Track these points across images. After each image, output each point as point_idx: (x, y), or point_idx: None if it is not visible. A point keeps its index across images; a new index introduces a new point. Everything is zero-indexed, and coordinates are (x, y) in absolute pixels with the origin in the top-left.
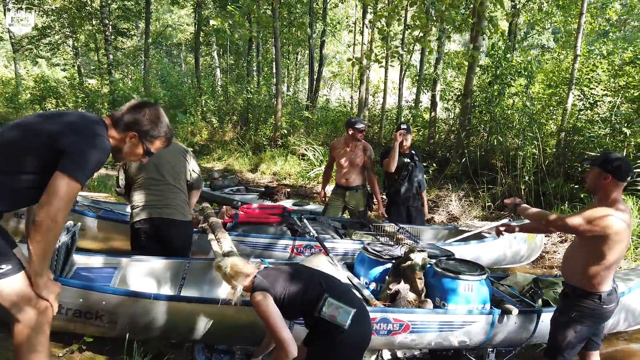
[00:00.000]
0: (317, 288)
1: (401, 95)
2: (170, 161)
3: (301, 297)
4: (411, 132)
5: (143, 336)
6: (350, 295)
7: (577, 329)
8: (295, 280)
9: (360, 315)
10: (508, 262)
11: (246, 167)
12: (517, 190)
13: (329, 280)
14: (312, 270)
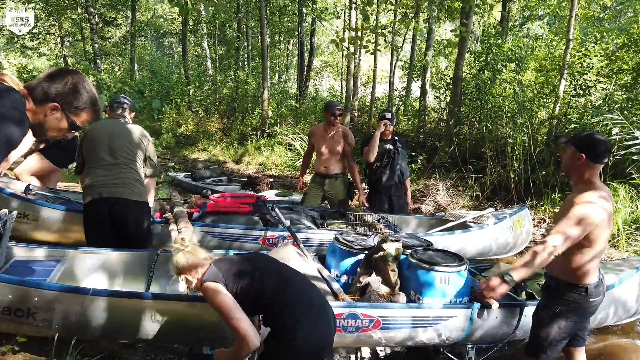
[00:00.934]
0: (272, 280)
1: (392, 83)
2: (126, 142)
3: (255, 290)
4: (395, 119)
5: (85, 336)
6: (308, 293)
7: (561, 325)
8: (250, 270)
9: (318, 316)
10: (495, 252)
11: (231, 158)
12: (507, 178)
13: (284, 274)
14: (270, 261)
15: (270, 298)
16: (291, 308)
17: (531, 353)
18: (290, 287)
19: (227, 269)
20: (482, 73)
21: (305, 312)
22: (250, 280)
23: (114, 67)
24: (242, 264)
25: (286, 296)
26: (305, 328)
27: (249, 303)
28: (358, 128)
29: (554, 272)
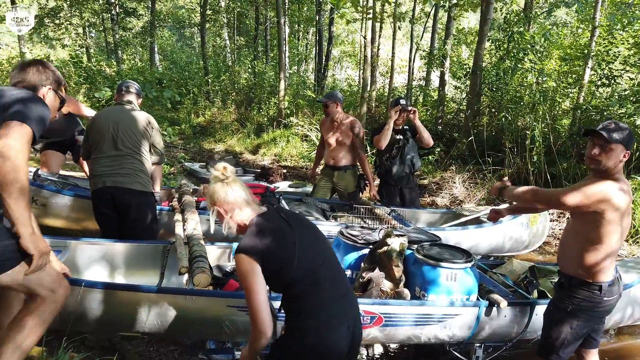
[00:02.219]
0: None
1: (411, 73)
2: (131, 131)
3: (285, 277)
4: (408, 109)
5: (80, 328)
6: (339, 300)
7: (573, 325)
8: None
9: (333, 317)
10: (509, 249)
11: (247, 149)
12: (526, 171)
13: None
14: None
15: (296, 297)
16: (312, 315)
17: (543, 354)
18: (320, 291)
19: (271, 247)
20: (503, 62)
21: (327, 324)
22: (286, 272)
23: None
24: (287, 248)
25: (311, 301)
26: (320, 340)
27: (275, 287)
28: (375, 118)
29: (566, 269)
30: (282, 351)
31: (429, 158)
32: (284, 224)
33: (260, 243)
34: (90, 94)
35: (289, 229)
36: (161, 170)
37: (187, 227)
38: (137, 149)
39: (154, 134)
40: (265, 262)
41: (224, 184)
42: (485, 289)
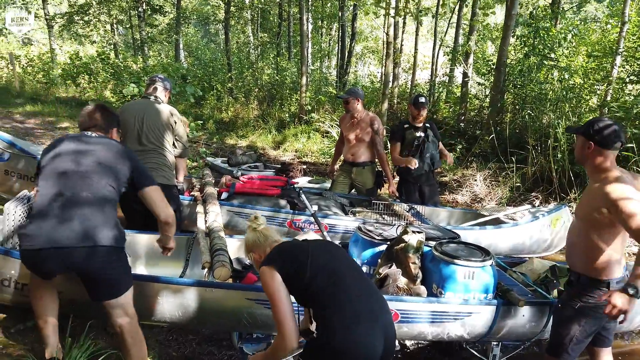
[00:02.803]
0: (324, 279)
1: (435, 69)
2: (155, 126)
3: (305, 285)
4: (428, 104)
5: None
6: (364, 301)
7: (582, 323)
8: (305, 262)
9: (369, 329)
10: (529, 251)
11: (269, 144)
12: (549, 170)
13: (341, 275)
14: (331, 256)
15: (317, 296)
16: (336, 312)
17: (552, 352)
18: (342, 291)
19: (286, 254)
20: (528, 58)
21: (353, 321)
22: (302, 272)
23: (160, 54)
24: (302, 252)
25: (334, 299)
26: (347, 337)
27: (297, 294)
28: (397, 115)
29: (574, 267)
30: (315, 349)
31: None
32: (300, 242)
33: (277, 254)
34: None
35: (305, 243)
36: (184, 162)
37: (208, 219)
38: (160, 143)
39: (177, 127)
40: (282, 267)
41: (256, 232)
42: (503, 287)
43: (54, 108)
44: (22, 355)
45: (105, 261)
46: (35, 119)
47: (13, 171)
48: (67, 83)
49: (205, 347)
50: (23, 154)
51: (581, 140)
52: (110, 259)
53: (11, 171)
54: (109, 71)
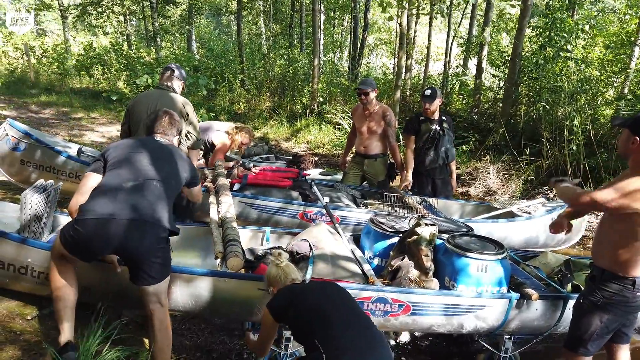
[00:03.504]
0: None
1: (448, 61)
2: None
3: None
4: (439, 97)
5: (122, 304)
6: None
7: (603, 319)
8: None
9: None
10: (542, 244)
11: (281, 136)
12: (564, 162)
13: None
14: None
15: (304, 335)
16: (325, 346)
17: (570, 347)
18: (327, 329)
19: (279, 299)
20: (544, 50)
21: (342, 353)
22: (287, 315)
23: (173, 45)
24: (290, 296)
25: (317, 338)
26: None
27: (294, 329)
28: (409, 107)
29: (599, 262)
30: None
31: (463, 148)
32: (299, 285)
33: (275, 298)
34: (130, 81)
35: (300, 285)
36: (197, 153)
37: (220, 210)
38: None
39: (191, 118)
40: (276, 311)
41: (278, 267)
42: (517, 281)
43: (68, 99)
44: (39, 342)
45: (158, 242)
46: (50, 110)
47: (29, 161)
48: (81, 74)
49: (218, 336)
50: (39, 144)
51: (626, 134)
52: (162, 242)
53: (27, 161)
54: (122, 62)
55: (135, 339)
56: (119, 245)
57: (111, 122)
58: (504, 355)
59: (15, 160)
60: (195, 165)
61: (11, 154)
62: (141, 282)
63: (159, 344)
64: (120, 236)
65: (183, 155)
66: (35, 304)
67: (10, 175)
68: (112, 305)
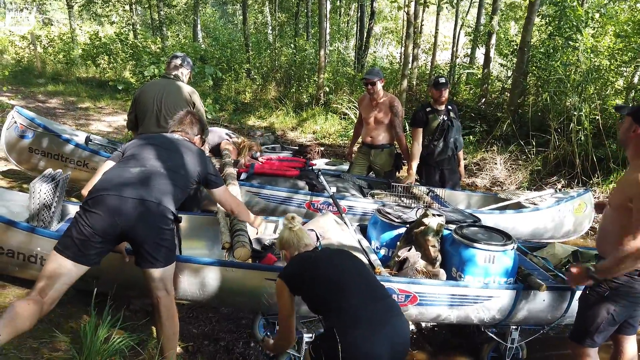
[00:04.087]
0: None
1: (455, 50)
2: (174, 105)
3: (313, 294)
4: (449, 85)
5: (126, 292)
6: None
7: (610, 310)
8: (314, 274)
9: (372, 332)
10: (550, 236)
11: (287, 126)
12: (572, 153)
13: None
14: (336, 266)
15: (319, 305)
16: (335, 319)
17: (576, 338)
18: (342, 299)
19: (293, 268)
20: (553, 39)
21: (351, 326)
22: (302, 284)
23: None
24: (304, 266)
25: (333, 307)
26: (350, 341)
27: (307, 302)
28: (416, 97)
29: (605, 253)
30: (321, 350)
31: (470, 138)
32: (311, 252)
33: (288, 268)
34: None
35: (312, 253)
36: (205, 143)
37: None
38: None
39: (198, 107)
40: (289, 281)
41: (291, 231)
42: (524, 272)
43: (75, 88)
44: (48, 329)
45: (162, 223)
46: (57, 99)
47: (37, 149)
48: (87, 63)
49: (225, 325)
50: (47, 132)
51: (628, 122)
52: (166, 224)
53: (35, 149)
54: (128, 52)
55: (143, 326)
56: (125, 222)
57: (117, 112)
58: (511, 345)
59: (23, 148)
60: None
61: (19, 142)
62: (146, 264)
63: (166, 332)
64: (126, 213)
65: (199, 150)
66: None
67: (19, 163)
68: (121, 294)
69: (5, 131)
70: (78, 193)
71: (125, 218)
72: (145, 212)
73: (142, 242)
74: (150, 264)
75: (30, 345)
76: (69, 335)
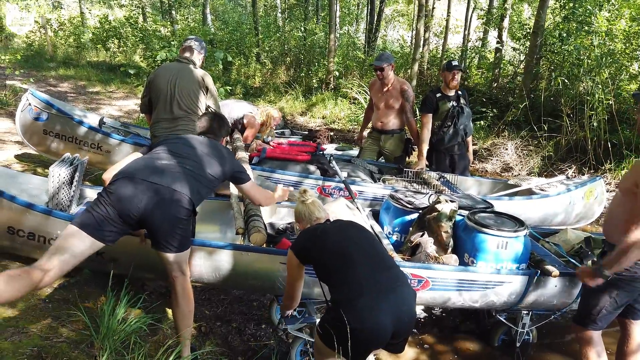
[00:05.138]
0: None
1: (467, 34)
2: (186, 92)
3: (321, 265)
4: (461, 69)
5: (142, 274)
6: (374, 276)
7: (612, 294)
8: (323, 246)
9: (377, 302)
10: (559, 222)
11: (297, 110)
12: (584, 139)
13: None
14: (346, 237)
15: (327, 275)
16: (341, 288)
17: (580, 321)
18: (349, 269)
19: (302, 241)
20: (567, 23)
21: (356, 295)
22: (310, 256)
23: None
24: (313, 238)
25: (341, 277)
26: (355, 310)
27: (317, 269)
28: (426, 81)
29: (611, 238)
30: (327, 324)
31: (481, 123)
32: (322, 225)
33: (298, 240)
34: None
35: (322, 226)
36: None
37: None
38: (191, 110)
39: (210, 91)
40: (299, 253)
41: (303, 204)
42: (536, 257)
43: (86, 72)
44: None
45: (180, 213)
46: (68, 83)
47: (51, 131)
48: (97, 47)
49: (237, 307)
50: (61, 114)
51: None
52: (184, 214)
53: (49, 131)
54: (138, 35)
55: (157, 308)
56: (144, 206)
57: (128, 96)
58: (522, 330)
59: (37, 130)
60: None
61: (33, 124)
62: (161, 249)
63: (181, 310)
64: (146, 198)
65: (227, 150)
66: None
67: (33, 145)
68: (136, 277)
69: (20, 113)
70: (92, 177)
71: (144, 203)
72: (163, 199)
73: (157, 229)
74: (166, 250)
75: (49, 324)
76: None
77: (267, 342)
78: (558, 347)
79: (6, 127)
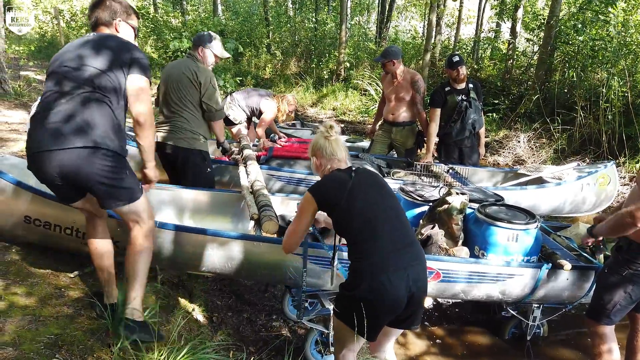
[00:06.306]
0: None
1: (480, 24)
2: (177, 84)
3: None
4: (464, 63)
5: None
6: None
7: (628, 289)
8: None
9: (390, 264)
10: (571, 210)
11: (307, 102)
12: (598, 131)
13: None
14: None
15: (350, 237)
16: (367, 260)
17: (593, 316)
18: (376, 239)
19: (326, 189)
20: (583, 13)
21: (381, 269)
22: (345, 213)
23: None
24: (340, 191)
25: (368, 246)
26: (375, 284)
27: (335, 224)
28: (438, 72)
29: None
30: (344, 293)
31: (493, 115)
32: (348, 177)
33: (321, 186)
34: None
35: (349, 180)
36: (218, 125)
37: (250, 179)
38: (183, 104)
39: (205, 88)
40: (320, 201)
41: (327, 139)
42: (548, 250)
43: None
44: (82, 298)
45: (100, 166)
46: None
47: None
48: None
49: (248, 298)
50: None
51: None
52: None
53: None
54: (149, 26)
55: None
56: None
57: None
58: (532, 323)
59: None
60: None
61: None
62: (112, 205)
63: (131, 263)
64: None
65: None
66: (78, 262)
67: None
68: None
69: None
70: None
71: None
72: (84, 159)
73: (89, 190)
74: (108, 206)
75: (66, 313)
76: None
77: (278, 333)
78: (569, 340)
79: (21, 117)
